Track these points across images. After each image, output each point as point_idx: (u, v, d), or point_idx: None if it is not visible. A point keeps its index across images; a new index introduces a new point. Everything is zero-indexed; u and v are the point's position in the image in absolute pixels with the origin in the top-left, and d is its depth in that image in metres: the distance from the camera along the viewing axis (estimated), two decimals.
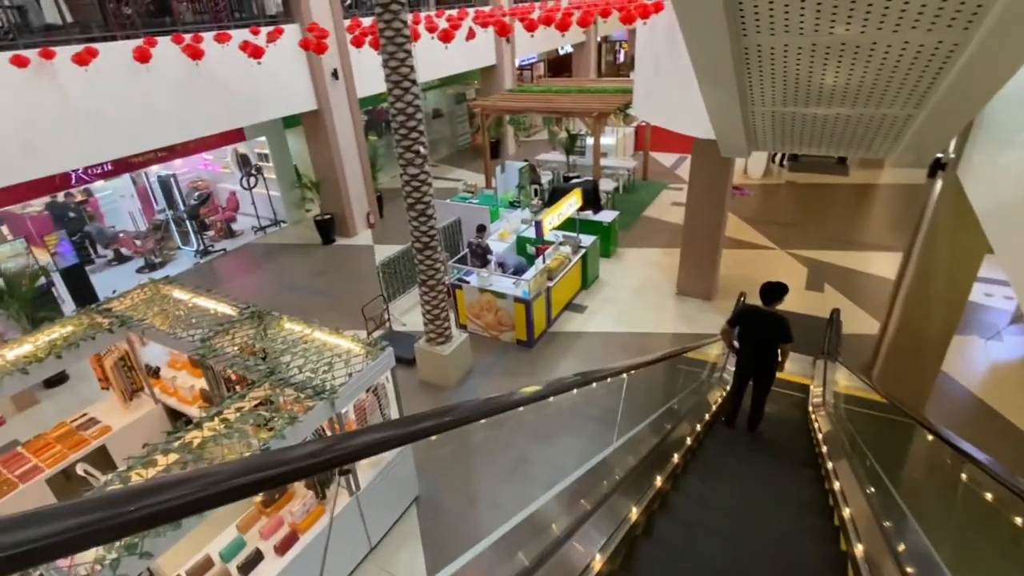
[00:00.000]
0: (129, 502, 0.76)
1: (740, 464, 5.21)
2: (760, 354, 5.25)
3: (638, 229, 12.43)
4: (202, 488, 0.84)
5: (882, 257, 10.45)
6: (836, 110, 3.95)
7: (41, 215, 11.48)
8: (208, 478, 0.87)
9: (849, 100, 3.82)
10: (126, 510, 0.75)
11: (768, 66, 3.62)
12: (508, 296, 8.11)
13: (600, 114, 11.11)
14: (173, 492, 0.81)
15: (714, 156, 8.45)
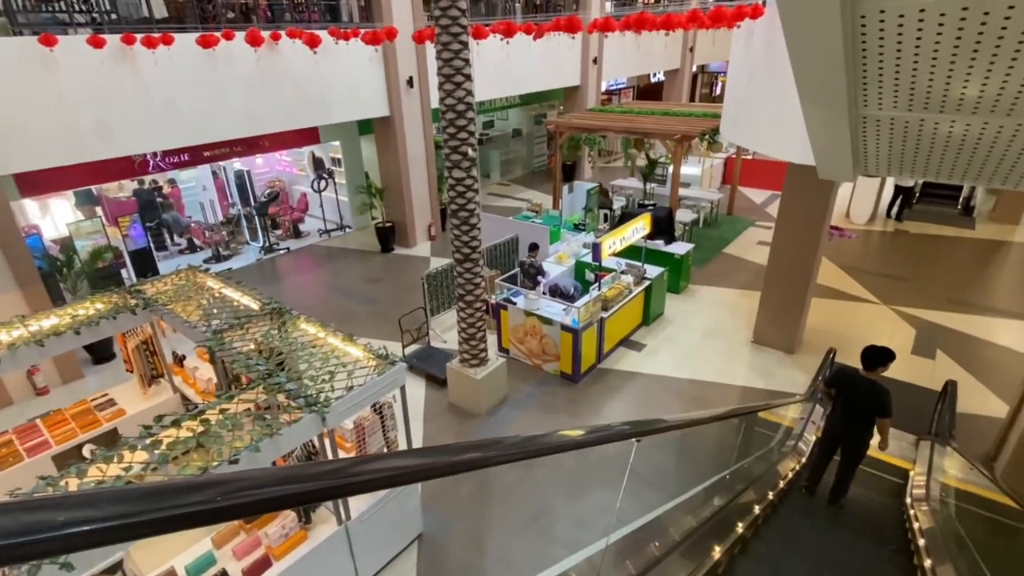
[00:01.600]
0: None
1: (805, 563, 4.12)
2: (852, 425, 4.69)
3: (715, 266, 11.28)
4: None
5: (1014, 326, 8.69)
6: (984, 120, 2.97)
7: (129, 200, 12.18)
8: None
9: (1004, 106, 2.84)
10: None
11: (892, 45, 2.75)
12: (555, 323, 7.36)
13: (683, 137, 10.22)
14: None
15: (810, 187, 7.38)
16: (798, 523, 4.72)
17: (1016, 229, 12.57)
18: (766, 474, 5.12)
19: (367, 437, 4.29)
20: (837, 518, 4.93)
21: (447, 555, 5.12)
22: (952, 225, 12.98)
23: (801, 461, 5.84)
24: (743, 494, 4.55)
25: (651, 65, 20.98)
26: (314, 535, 4.31)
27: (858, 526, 5.03)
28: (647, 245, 9.07)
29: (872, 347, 4.62)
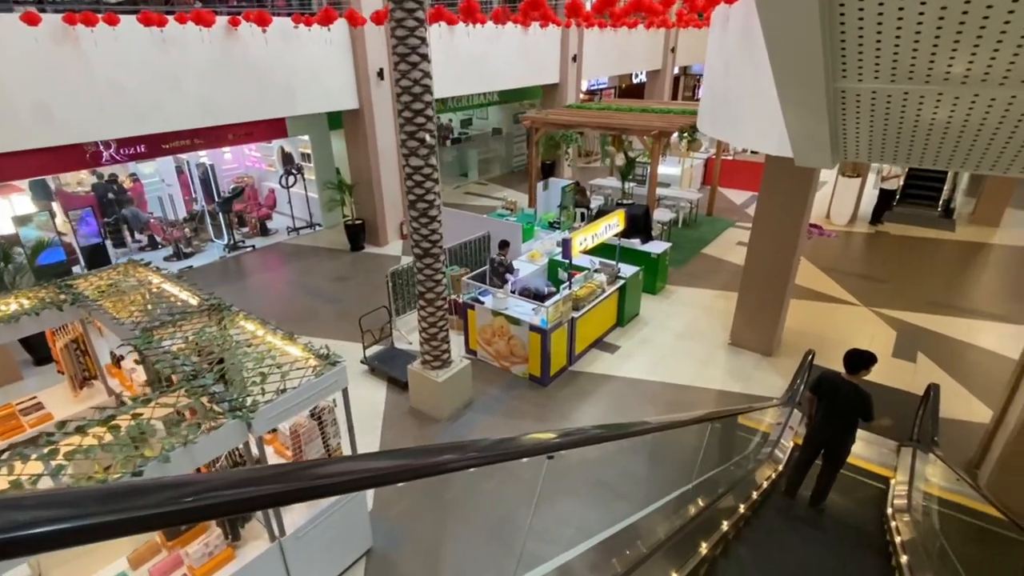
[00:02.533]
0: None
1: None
2: (835, 429, 4.66)
3: (694, 266, 11.03)
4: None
5: (995, 328, 8.53)
6: (974, 92, 2.68)
7: (88, 194, 11.60)
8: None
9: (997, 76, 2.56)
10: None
11: (873, 7, 2.45)
12: (523, 323, 7.01)
13: (661, 133, 9.96)
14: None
15: (788, 185, 7.13)
16: (773, 537, 4.42)
17: (996, 231, 12.53)
18: (740, 483, 4.80)
19: (303, 445, 3.89)
20: (815, 532, 4.64)
21: (398, 572, 4.72)
22: (932, 227, 12.91)
23: (778, 469, 5.54)
24: (715, 505, 4.23)
25: (632, 65, 20.81)
26: (243, 553, 3.89)
27: (838, 538, 4.74)
28: (621, 243, 8.76)
29: (855, 351, 4.58)
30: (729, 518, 4.07)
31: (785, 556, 4.34)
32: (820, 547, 4.47)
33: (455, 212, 10.31)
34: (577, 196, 12.17)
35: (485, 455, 1.71)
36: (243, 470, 2.87)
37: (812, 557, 4.26)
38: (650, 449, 4.26)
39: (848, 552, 4.36)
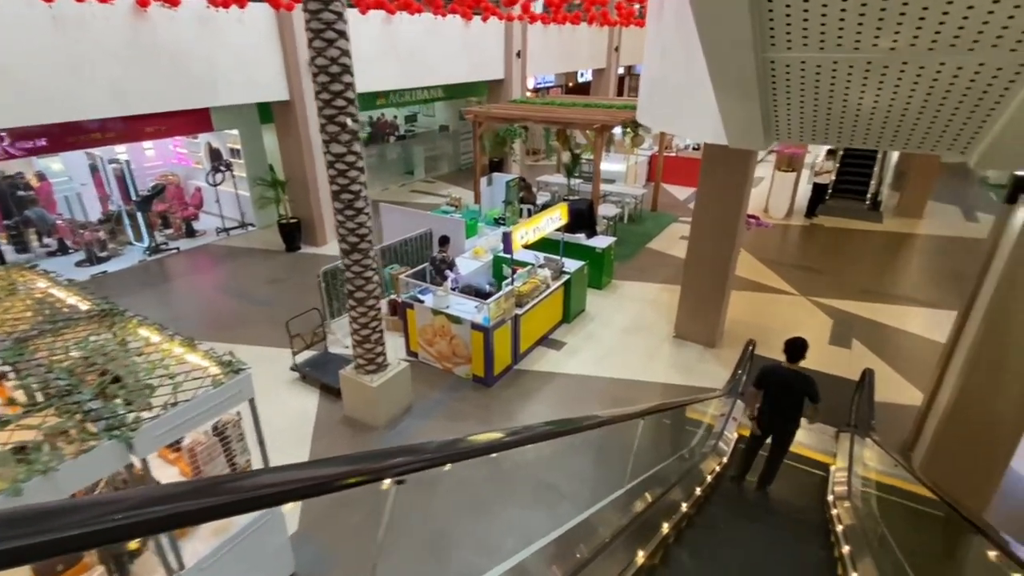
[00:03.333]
0: None
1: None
2: (782, 417, 4.78)
3: (639, 261, 11.02)
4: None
5: (923, 314, 8.88)
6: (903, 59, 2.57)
7: None
8: None
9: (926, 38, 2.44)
10: None
11: None
12: (465, 321, 6.70)
13: (603, 127, 9.87)
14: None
15: (726, 175, 7.10)
16: (719, 533, 4.28)
17: (919, 222, 13.18)
18: (685, 477, 4.66)
19: (202, 465, 3.44)
20: (761, 526, 4.54)
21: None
22: (862, 219, 13.45)
23: (722, 461, 5.46)
24: (661, 501, 4.06)
25: (577, 63, 20.84)
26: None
27: (783, 530, 4.67)
28: (565, 238, 8.59)
29: (794, 339, 4.70)
30: (673, 515, 3.90)
31: (732, 552, 4.22)
32: (766, 541, 4.37)
33: (396, 209, 9.89)
34: (523, 192, 11.95)
35: (377, 467, 1.45)
36: (84, 499, 2.44)
37: (758, 552, 4.15)
38: (595, 446, 4.06)
39: (793, 544, 4.28)
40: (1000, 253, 4.54)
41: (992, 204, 14.65)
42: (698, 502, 4.34)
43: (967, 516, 2.73)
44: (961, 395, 4.65)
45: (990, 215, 13.62)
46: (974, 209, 14.25)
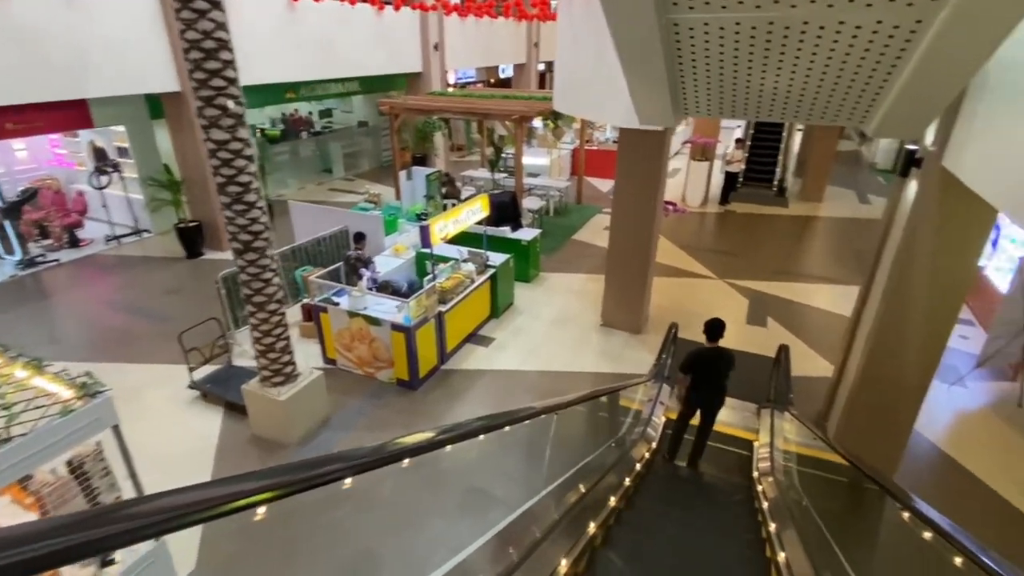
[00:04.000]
0: None
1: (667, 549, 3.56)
2: (710, 393, 5.05)
3: (565, 253, 11.00)
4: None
5: (829, 290, 9.40)
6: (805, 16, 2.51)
7: None
8: None
9: None
10: None
11: None
12: (384, 322, 6.31)
13: (522, 117, 9.72)
14: None
15: (641, 162, 7.10)
16: (652, 524, 4.19)
17: (820, 205, 14.07)
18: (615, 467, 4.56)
19: (52, 510, 2.89)
20: (689, 511, 4.51)
21: None
22: (770, 204, 14.18)
23: (651, 447, 5.43)
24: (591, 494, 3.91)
25: (497, 57, 20.65)
26: None
27: (711, 512, 4.67)
28: (487, 231, 8.36)
29: (712, 321, 4.88)
30: (601, 511, 3.76)
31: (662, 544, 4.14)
32: (697, 528, 4.34)
33: (307, 207, 9.25)
34: (447, 187, 11.62)
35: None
36: None
37: (689, 541, 4.09)
38: (523, 443, 3.84)
39: (724, 527, 4.27)
40: (896, 227, 4.76)
41: (882, 187, 15.93)
42: (627, 494, 4.23)
43: (879, 480, 2.75)
44: (867, 365, 4.84)
45: (881, 197, 14.80)
46: (867, 192, 15.42)
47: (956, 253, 4.13)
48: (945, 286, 4.27)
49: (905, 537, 2.36)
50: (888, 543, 3.02)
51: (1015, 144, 2.80)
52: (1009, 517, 5.00)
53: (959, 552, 1.68)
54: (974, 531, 1.72)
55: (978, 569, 1.56)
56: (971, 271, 4.21)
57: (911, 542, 2.22)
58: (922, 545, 2.00)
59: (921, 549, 2.05)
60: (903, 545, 2.52)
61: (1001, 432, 6.01)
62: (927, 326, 4.43)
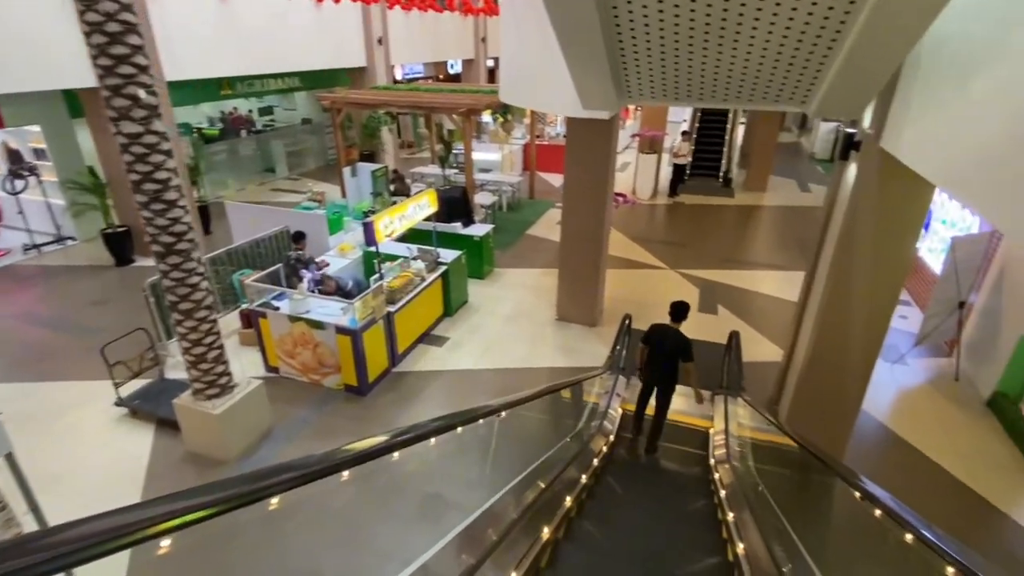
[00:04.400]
0: None
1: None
2: (663, 368, 5.18)
3: (520, 248, 10.88)
4: None
5: (775, 276, 9.63)
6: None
7: None
8: None
9: None
10: None
11: None
12: (328, 326, 6.00)
13: (469, 111, 9.51)
14: None
15: (589, 152, 7.03)
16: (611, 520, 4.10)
17: (764, 195, 14.49)
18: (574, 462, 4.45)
19: None
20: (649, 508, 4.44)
21: None
22: (716, 195, 14.50)
23: (609, 440, 5.36)
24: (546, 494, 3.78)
25: (444, 52, 20.34)
26: None
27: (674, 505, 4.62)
28: (437, 228, 8.12)
29: (678, 302, 5.16)
30: (557, 511, 3.63)
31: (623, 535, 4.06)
32: (658, 517, 4.28)
33: (245, 207, 8.77)
34: (396, 184, 11.28)
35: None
36: None
37: (651, 530, 4.03)
38: (478, 443, 3.66)
39: (683, 516, 4.22)
40: (837, 211, 4.83)
41: (821, 176, 16.57)
42: (584, 490, 4.13)
43: (827, 461, 2.76)
44: (815, 348, 4.91)
45: (820, 185, 15.39)
46: (807, 181, 16.00)
47: (896, 235, 4.22)
48: (886, 267, 4.36)
49: (855, 515, 2.41)
50: (840, 522, 3.04)
51: (950, 120, 2.83)
52: (952, 488, 5.19)
53: (903, 527, 1.71)
54: (919, 504, 1.78)
55: (922, 544, 1.59)
56: (910, 252, 4.31)
57: (861, 520, 2.27)
58: (872, 522, 2.02)
59: (871, 526, 2.06)
60: (854, 523, 2.52)
61: (940, 406, 6.27)
62: (870, 307, 4.52)
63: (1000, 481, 5.23)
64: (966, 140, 2.60)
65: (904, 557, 1.78)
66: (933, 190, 4.01)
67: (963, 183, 2.61)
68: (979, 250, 6.36)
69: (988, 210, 2.37)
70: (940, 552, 1.52)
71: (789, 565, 2.96)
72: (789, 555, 3.07)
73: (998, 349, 6.12)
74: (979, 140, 2.46)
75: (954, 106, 2.79)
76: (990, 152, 2.37)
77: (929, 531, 1.62)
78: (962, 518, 4.93)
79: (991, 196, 2.33)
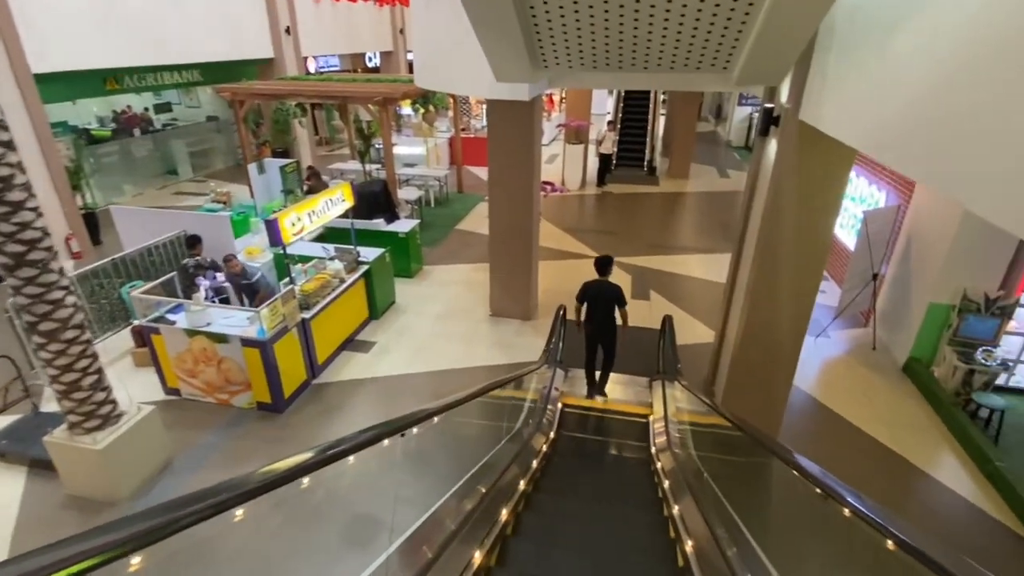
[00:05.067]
0: None
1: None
2: (602, 318, 5.59)
3: (450, 244, 10.48)
4: None
5: (702, 259, 9.80)
6: None
7: None
8: None
9: None
10: None
11: None
12: (233, 338, 5.37)
13: (386, 100, 8.97)
14: None
15: (512, 139, 6.72)
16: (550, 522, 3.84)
17: (687, 182, 14.86)
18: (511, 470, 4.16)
19: None
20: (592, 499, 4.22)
21: None
22: (642, 184, 14.71)
23: (550, 436, 5.12)
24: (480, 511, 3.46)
25: (360, 44, 19.49)
26: None
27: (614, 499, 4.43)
28: (355, 225, 7.57)
29: (601, 257, 5.57)
30: (493, 526, 3.32)
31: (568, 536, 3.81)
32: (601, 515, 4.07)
33: (137, 212, 7.85)
34: (312, 181, 10.52)
35: None
36: None
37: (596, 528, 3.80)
38: (406, 454, 3.28)
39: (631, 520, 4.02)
40: (760, 188, 4.81)
41: (737, 162, 17.24)
42: (516, 507, 3.84)
43: (763, 441, 2.62)
44: (746, 326, 4.88)
45: (738, 171, 15.99)
46: (726, 167, 16.60)
47: (817, 209, 4.21)
48: (809, 241, 4.35)
49: (794, 492, 2.38)
50: (780, 501, 2.93)
51: (871, 83, 2.74)
52: (877, 452, 5.35)
53: (836, 501, 1.70)
54: (849, 471, 1.65)
55: (857, 519, 1.58)
56: (831, 225, 4.33)
57: (800, 497, 2.21)
58: (811, 498, 1.98)
59: (810, 503, 2.03)
60: (794, 501, 2.47)
61: (861, 374, 6.50)
62: (797, 282, 4.52)
63: (919, 442, 5.45)
64: (889, 101, 2.51)
65: (841, 530, 1.77)
66: (852, 162, 4.03)
67: (888, 145, 2.52)
68: (888, 222, 6.64)
69: (915, 168, 2.28)
70: (870, 521, 1.51)
71: (734, 548, 2.83)
72: (734, 543, 2.93)
73: (909, 317, 6.42)
74: (902, 99, 2.37)
75: (874, 69, 2.70)
76: (914, 110, 2.27)
77: (858, 501, 1.61)
78: (887, 480, 5.08)
79: (918, 153, 2.23)
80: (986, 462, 4.86)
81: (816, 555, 2.26)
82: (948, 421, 5.51)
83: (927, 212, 6.32)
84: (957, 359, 5.58)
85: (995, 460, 4.77)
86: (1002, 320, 5.50)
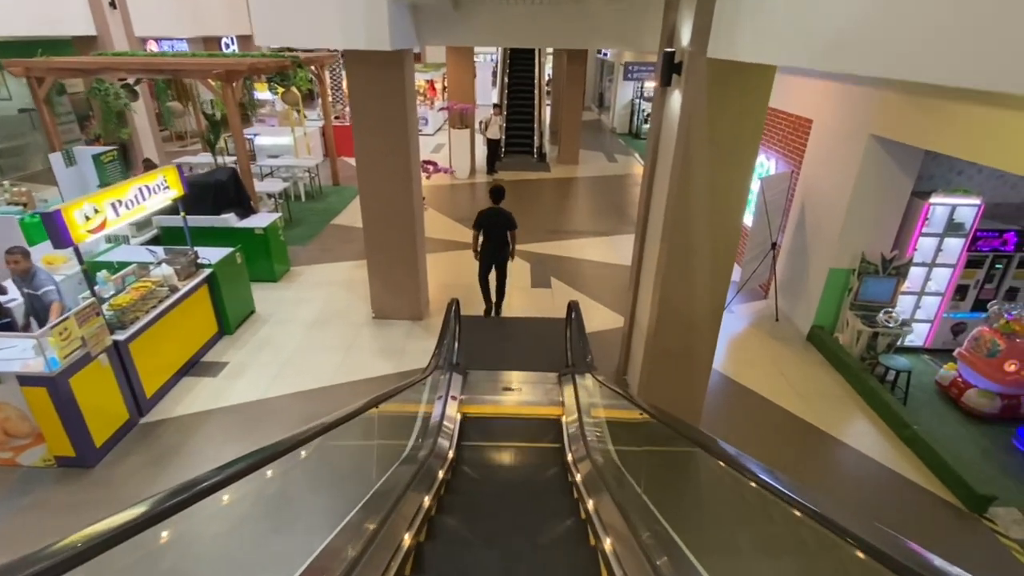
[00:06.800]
0: None
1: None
2: (496, 241, 6.27)
3: (324, 240, 9.20)
4: None
5: (600, 242, 9.44)
6: None
7: None
8: None
9: None
10: None
11: None
12: (7, 376, 3.89)
13: (229, 73, 7.49)
14: None
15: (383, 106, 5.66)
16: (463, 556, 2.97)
17: (577, 167, 14.66)
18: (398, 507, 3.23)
19: None
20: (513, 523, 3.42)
21: None
22: (533, 170, 14.27)
23: (449, 457, 4.24)
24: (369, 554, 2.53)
25: (210, 25, 17.08)
26: None
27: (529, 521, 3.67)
28: (185, 218, 6.14)
29: (495, 186, 6.37)
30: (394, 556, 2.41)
31: None
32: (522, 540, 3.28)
33: None
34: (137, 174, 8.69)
35: None
36: None
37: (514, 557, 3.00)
38: (264, 502, 2.26)
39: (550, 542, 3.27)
40: (663, 148, 4.28)
41: (623, 148, 17.43)
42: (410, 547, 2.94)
43: (685, 432, 2.30)
44: (660, 307, 4.36)
45: (624, 156, 16.12)
46: (612, 152, 16.69)
47: (733, 164, 3.74)
48: (724, 202, 3.89)
49: (718, 479, 2.23)
50: (708, 491, 2.62)
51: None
52: (790, 423, 5.13)
53: (757, 483, 1.62)
54: (770, 448, 1.32)
55: (777, 499, 1.50)
56: (748, 183, 3.88)
57: (724, 484, 2.11)
58: (736, 484, 1.86)
59: (735, 489, 1.93)
60: (720, 488, 2.28)
61: (768, 346, 6.35)
62: (712, 250, 4.05)
63: (833, 411, 5.31)
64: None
65: (764, 510, 1.71)
66: (767, 101, 3.58)
67: (828, 50, 1.98)
68: (783, 188, 6.55)
69: (858, 64, 1.75)
70: (788, 500, 1.45)
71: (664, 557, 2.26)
72: (662, 547, 2.37)
73: (809, 285, 6.37)
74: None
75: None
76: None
77: (774, 479, 1.55)
78: (807, 454, 4.84)
79: (861, 50, 1.69)
80: (903, 427, 4.75)
81: (747, 540, 2.09)
82: (858, 387, 5.43)
83: (818, 177, 6.28)
84: (861, 323, 5.52)
85: (911, 424, 4.67)
86: (898, 280, 5.51)
